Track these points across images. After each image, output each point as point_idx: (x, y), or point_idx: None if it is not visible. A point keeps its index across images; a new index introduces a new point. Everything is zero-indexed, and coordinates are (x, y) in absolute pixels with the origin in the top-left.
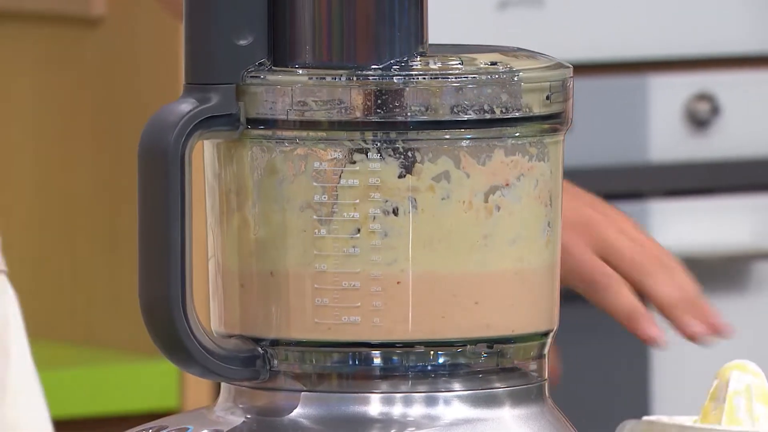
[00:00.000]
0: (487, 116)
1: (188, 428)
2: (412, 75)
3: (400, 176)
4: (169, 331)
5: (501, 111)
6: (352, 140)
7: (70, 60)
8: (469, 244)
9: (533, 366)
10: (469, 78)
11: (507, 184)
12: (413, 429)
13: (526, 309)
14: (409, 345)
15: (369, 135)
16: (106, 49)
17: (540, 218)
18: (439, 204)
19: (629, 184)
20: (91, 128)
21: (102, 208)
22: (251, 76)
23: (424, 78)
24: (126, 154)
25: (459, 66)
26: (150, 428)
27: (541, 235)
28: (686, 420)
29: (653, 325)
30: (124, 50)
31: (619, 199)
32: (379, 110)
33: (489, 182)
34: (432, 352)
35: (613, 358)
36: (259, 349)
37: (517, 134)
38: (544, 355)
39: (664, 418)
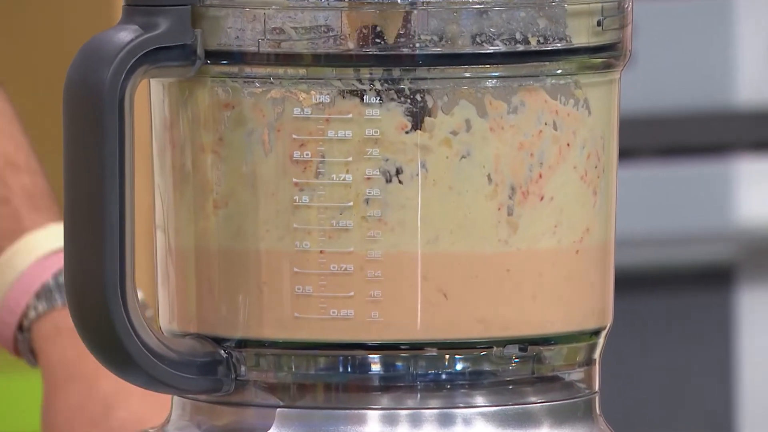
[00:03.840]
0: (520, 48)
1: None
2: None
3: (406, 129)
4: (104, 327)
5: (538, 41)
6: (344, 79)
7: None
8: (496, 217)
9: (579, 374)
10: None
11: (545, 138)
12: None
13: (570, 300)
14: (417, 347)
15: (365, 73)
16: None
17: (588, 184)
18: (457, 165)
19: (708, 135)
20: (2, 64)
21: None
22: None
23: None
24: (48, 97)
25: None
26: None
27: (589, 207)
28: None
29: None
30: None
31: (696, 154)
32: (378, 40)
33: (522, 136)
34: (447, 357)
35: (687, 365)
36: (222, 352)
37: (560, 71)
38: (594, 360)
39: None
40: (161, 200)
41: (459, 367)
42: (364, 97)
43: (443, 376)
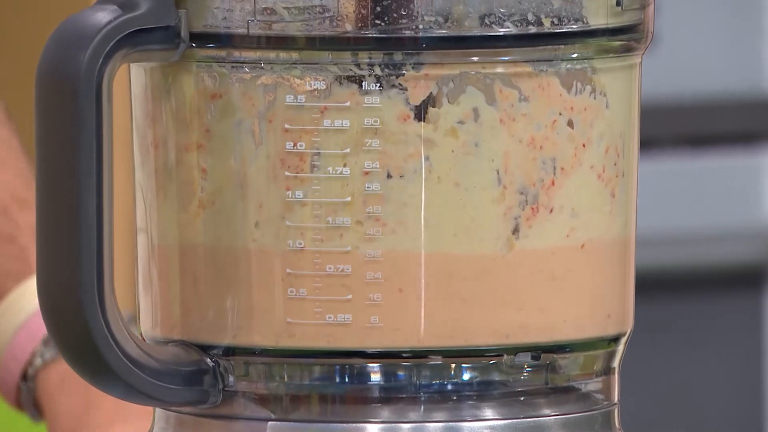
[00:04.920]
0: (532, 30)
1: None
2: None
3: (409, 118)
4: (80, 335)
5: (552, 23)
6: (340, 64)
7: None
8: (504, 220)
9: (597, 385)
10: None
11: (559, 134)
12: None
13: (587, 305)
14: (420, 354)
15: (364, 57)
16: None
17: (606, 184)
18: (463, 159)
19: (737, 124)
20: None
21: None
22: None
23: None
24: (20, 84)
25: None
26: None
27: (607, 203)
28: None
29: None
30: None
31: (723, 145)
32: (378, 21)
33: (534, 128)
34: (453, 366)
35: (714, 374)
36: (209, 360)
37: (575, 55)
38: (613, 369)
39: None
40: (142, 197)
41: (466, 376)
42: (363, 84)
43: (449, 387)
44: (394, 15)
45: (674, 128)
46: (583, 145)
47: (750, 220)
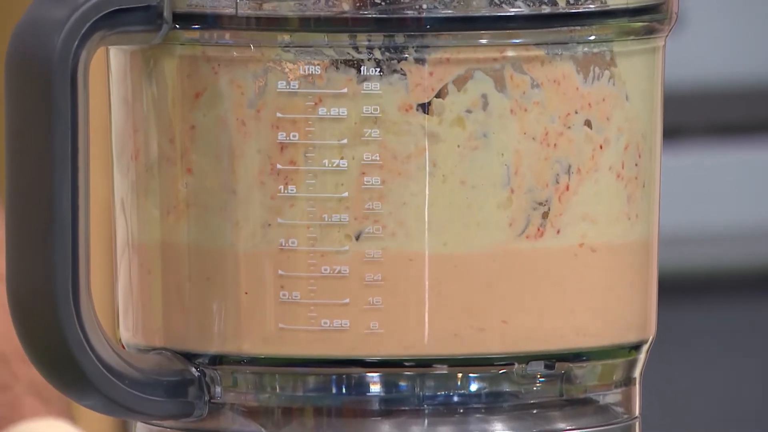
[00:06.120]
0: (546, 9)
1: None
2: None
3: (412, 107)
4: (54, 342)
5: (567, 2)
6: (337, 47)
7: None
8: (517, 214)
9: (616, 396)
10: None
11: (575, 128)
12: None
13: (605, 310)
14: (424, 363)
15: (363, 39)
16: None
17: (626, 178)
18: (471, 152)
19: (766, 112)
20: None
21: None
22: None
23: None
24: None
25: None
26: None
27: (626, 201)
28: None
29: None
30: None
31: (753, 135)
32: (378, 0)
33: (547, 120)
34: (460, 375)
35: (743, 384)
36: (194, 370)
37: (592, 38)
38: (634, 379)
39: None
40: (121, 193)
41: (474, 387)
42: (362, 69)
43: (455, 399)
44: None
45: (699, 117)
46: (601, 147)
47: None
